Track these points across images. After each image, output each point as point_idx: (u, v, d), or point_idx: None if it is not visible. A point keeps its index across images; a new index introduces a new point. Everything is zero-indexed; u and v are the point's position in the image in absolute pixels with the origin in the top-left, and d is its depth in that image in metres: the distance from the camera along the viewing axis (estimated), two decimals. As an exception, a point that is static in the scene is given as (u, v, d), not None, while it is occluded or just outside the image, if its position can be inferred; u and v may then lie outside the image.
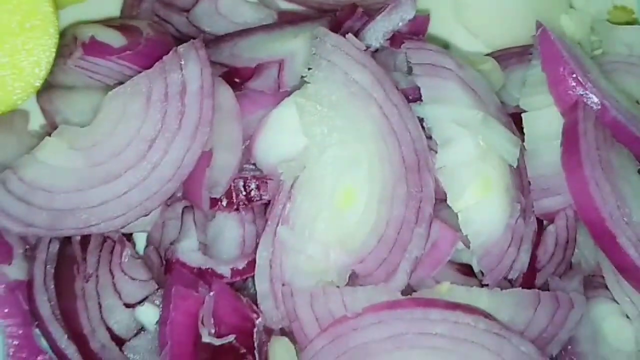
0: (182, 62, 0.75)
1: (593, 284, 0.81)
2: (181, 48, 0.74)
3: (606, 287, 0.82)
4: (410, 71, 0.75)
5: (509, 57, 0.86)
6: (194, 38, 0.78)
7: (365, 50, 0.74)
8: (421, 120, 0.73)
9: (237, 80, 0.80)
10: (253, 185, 0.77)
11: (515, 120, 0.79)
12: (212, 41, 0.82)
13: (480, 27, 0.92)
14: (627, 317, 0.81)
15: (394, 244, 0.70)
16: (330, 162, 0.71)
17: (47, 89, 0.83)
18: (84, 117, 0.80)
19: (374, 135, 0.70)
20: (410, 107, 0.72)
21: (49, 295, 0.78)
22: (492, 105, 0.74)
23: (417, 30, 0.83)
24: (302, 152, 0.73)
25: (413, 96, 0.75)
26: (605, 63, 0.87)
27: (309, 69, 0.74)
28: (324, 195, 0.71)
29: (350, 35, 0.72)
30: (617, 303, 0.82)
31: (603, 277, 0.82)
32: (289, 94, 0.75)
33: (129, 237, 0.82)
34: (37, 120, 0.86)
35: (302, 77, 0.76)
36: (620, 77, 0.87)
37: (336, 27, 0.80)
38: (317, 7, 0.87)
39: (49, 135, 0.78)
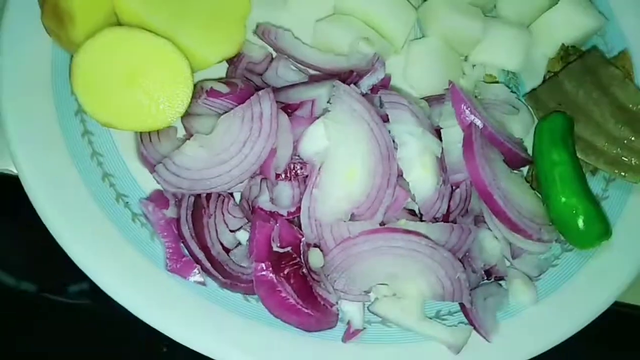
0: (260, 101, 0.76)
1: (479, 220, 0.84)
2: (260, 92, 0.78)
3: (485, 222, 0.81)
4: (382, 105, 0.82)
5: (432, 99, 0.88)
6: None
7: (360, 93, 0.80)
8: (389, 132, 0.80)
9: (289, 110, 0.81)
10: (298, 167, 0.77)
11: (437, 133, 0.84)
12: (276, 90, 0.84)
13: (416, 83, 0.92)
14: (496, 238, 0.81)
15: (375, 199, 0.76)
16: (341, 155, 0.79)
17: (187, 115, 0.81)
18: (207, 131, 0.78)
19: (366, 140, 0.78)
20: (384, 125, 0.79)
21: (189, 225, 0.76)
22: (427, 125, 0.84)
23: (384, 83, 0.91)
24: (325, 149, 0.75)
25: (384, 119, 0.81)
26: (483, 103, 0.91)
27: (330, 103, 0.77)
28: (338, 173, 0.77)
29: (352, 85, 0.80)
30: (491, 230, 0.81)
31: (484, 217, 0.82)
32: (318, 118, 0.78)
33: (231, 194, 0.81)
34: (181, 132, 0.83)
35: (325, 109, 0.78)
36: (489, 110, 0.87)
37: (342, 82, 0.82)
38: (330, 72, 0.88)
39: (189, 139, 0.77)
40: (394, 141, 0.77)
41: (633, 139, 0.86)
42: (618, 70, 0.92)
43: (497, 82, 0.94)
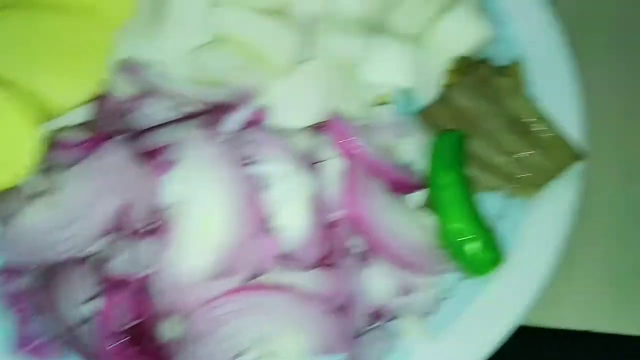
0: (111, 151, 0.69)
1: (365, 257, 0.74)
2: (110, 141, 0.70)
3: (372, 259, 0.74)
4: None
5: (314, 129, 0.79)
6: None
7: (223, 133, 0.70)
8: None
9: (149, 157, 0.71)
10: (158, 221, 0.68)
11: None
12: (138, 134, 0.74)
13: (299, 110, 0.80)
14: (385, 275, 0.73)
15: (240, 252, 0.67)
16: (198, 205, 0.68)
17: (37, 170, 0.71)
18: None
19: (225, 187, 0.68)
20: (248, 167, 0.69)
21: (41, 297, 0.66)
22: (300, 161, 0.74)
23: (259, 118, 0.77)
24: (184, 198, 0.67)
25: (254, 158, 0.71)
26: (370, 126, 0.81)
27: (183, 149, 0.69)
28: (196, 226, 0.68)
29: (203, 130, 0.70)
30: (379, 268, 0.74)
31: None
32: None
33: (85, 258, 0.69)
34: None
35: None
36: (378, 133, 0.80)
37: (211, 119, 0.74)
38: (207, 106, 0.78)
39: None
40: (262, 183, 0.69)
41: (527, 152, 0.79)
42: (510, 81, 0.84)
43: (388, 102, 0.86)
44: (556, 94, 0.87)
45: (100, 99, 0.78)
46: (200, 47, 0.83)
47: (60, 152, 0.71)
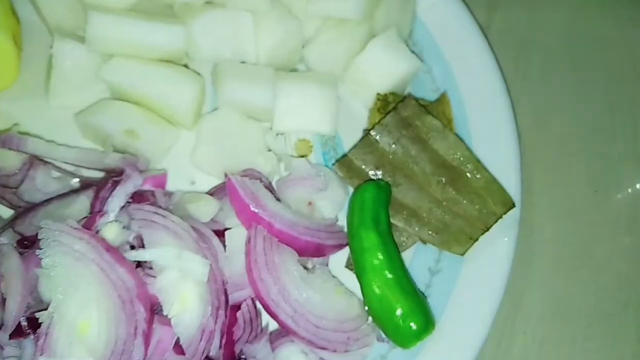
0: None
1: (280, 334, 0.66)
2: None
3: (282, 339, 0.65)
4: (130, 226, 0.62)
5: (219, 191, 0.72)
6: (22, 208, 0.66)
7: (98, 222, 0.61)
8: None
9: (26, 243, 0.63)
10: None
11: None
12: (24, 211, 0.67)
13: (206, 167, 0.75)
14: (305, 352, 0.65)
15: (122, 353, 0.57)
16: (70, 306, 0.58)
17: None
18: None
19: (96, 285, 0.58)
20: (123, 258, 0.59)
21: None
22: (190, 239, 0.63)
23: (158, 184, 0.70)
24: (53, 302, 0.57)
25: (138, 244, 0.62)
26: (287, 181, 0.75)
27: (42, 248, 0.57)
28: (70, 329, 0.58)
29: (70, 221, 0.59)
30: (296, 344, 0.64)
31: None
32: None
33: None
34: None
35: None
36: (293, 189, 0.73)
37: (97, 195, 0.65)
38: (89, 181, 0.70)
39: None
40: (151, 268, 0.60)
41: (457, 200, 0.71)
42: (436, 119, 0.74)
43: (310, 148, 0.78)
44: (489, 131, 0.77)
45: None
46: (89, 108, 0.74)
47: None
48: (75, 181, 0.71)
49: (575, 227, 0.80)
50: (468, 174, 0.73)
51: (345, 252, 0.72)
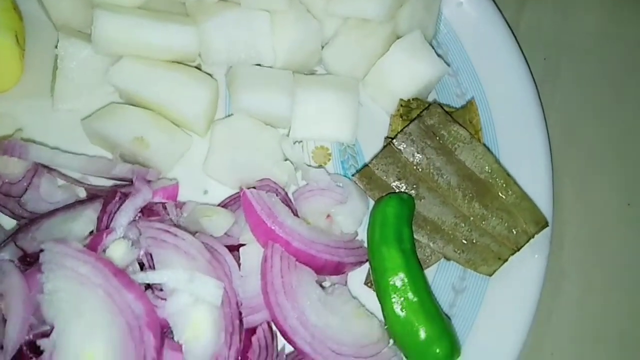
0: None
1: (296, 357, 0.61)
2: None
3: None
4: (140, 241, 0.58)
5: (238, 199, 0.67)
6: (25, 218, 0.62)
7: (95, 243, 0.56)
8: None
9: (28, 260, 0.59)
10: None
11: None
12: (28, 223, 0.62)
13: (220, 176, 0.70)
14: None
15: None
16: (74, 335, 0.53)
17: None
18: None
19: (102, 310, 0.54)
20: (131, 281, 0.55)
21: None
22: (203, 260, 0.59)
23: (170, 196, 0.65)
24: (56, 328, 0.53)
25: (148, 261, 0.58)
26: (304, 192, 0.70)
27: (44, 272, 0.53)
28: (75, 357, 0.53)
29: (74, 242, 0.55)
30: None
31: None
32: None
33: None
34: None
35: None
36: (311, 201, 0.69)
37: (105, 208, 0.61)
38: (96, 191, 0.66)
39: None
40: (161, 290, 0.56)
41: (485, 216, 0.66)
42: (463, 129, 0.70)
43: (328, 156, 0.73)
44: (519, 141, 0.72)
45: None
46: (97, 113, 0.69)
47: None
48: (81, 190, 0.67)
49: (608, 243, 0.75)
50: (497, 189, 0.68)
51: (364, 269, 0.68)
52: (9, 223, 0.66)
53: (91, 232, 0.58)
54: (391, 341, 0.63)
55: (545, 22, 0.88)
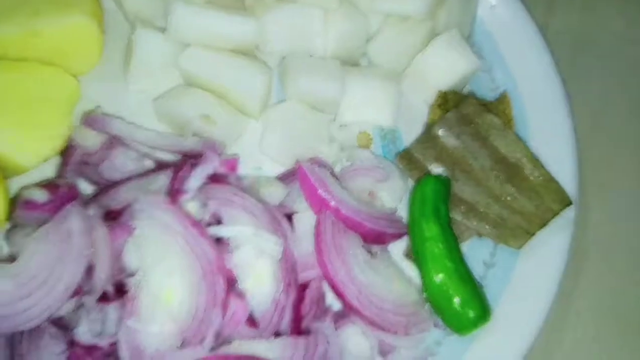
0: (67, 216, 0.64)
1: (342, 315, 0.69)
2: (67, 207, 0.64)
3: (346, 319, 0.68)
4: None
5: (288, 177, 0.75)
6: (101, 185, 0.71)
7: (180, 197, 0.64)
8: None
9: (112, 216, 0.67)
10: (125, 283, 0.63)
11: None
12: (106, 187, 0.71)
13: (274, 155, 0.78)
14: (364, 334, 0.67)
15: (202, 320, 0.61)
16: (157, 274, 0.62)
17: (10, 229, 0.69)
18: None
19: (182, 256, 0.62)
20: (206, 232, 0.63)
21: None
22: (265, 219, 0.67)
23: (231, 167, 0.72)
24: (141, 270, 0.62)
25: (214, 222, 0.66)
26: (349, 171, 0.77)
27: (136, 219, 0.63)
28: (156, 295, 0.61)
29: (162, 196, 0.64)
30: (357, 326, 0.67)
31: (346, 314, 0.68)
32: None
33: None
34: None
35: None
36: (357, 179, 0.76)
37: (178, 172, 0.68)
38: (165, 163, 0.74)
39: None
40: (228, 243, 0.63)
41: (515, 196, 0.73)
42: (496, 118, 0.77)
43: (370, 140, 0.81)
44: (547, 131, 0.80)
45: (66, 151, 0.74)
46: (167, 93, 0.78)
47: (25, 211, 0.67)
48: (149, 162, 0.75)
49: (630, 227, 0.81)
50: (526, 172, 0.75)
51: (402, 242, 0.75)
52: (88, 189, 0.75)
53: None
54: (427, 306, 0.70)
55: (573, 22, 0.95)
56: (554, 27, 0.94)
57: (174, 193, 0.64)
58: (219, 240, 0.63)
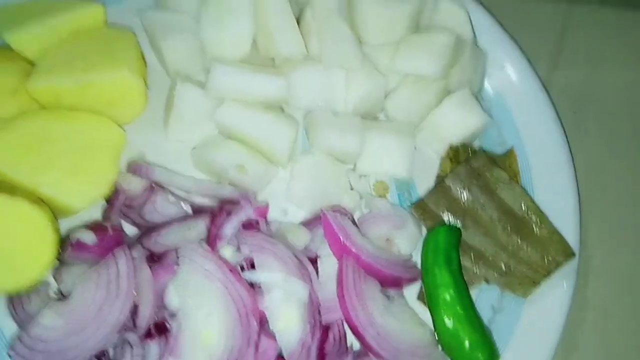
0: (116, 259, 0.71)
1: (362, 354, 0.75)
2: (115, 251, 0.72)
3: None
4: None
5: (313, 223, 0.81)
6: (143, 226, 0.77)
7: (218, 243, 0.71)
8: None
9: (155, 258, 0.74)
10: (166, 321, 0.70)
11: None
12: (148, 230, 0.78)
13: (299, 202, 0.85)
14: None
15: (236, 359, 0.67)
16: (196, 317, 0.69)
17: (57, 268, 0.76)
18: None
19: (220, 300, 0.69)
20: (241, 277, 0.70)
21: None
22: (293, 265, 0.74)
23: (261, 214, 0.80)
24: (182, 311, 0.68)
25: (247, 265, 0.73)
26: (368, 218, 0.84)
27: (178, 265, 0.70)
28: (195, 336, 0.69)
29: (203, 244, 0.71)
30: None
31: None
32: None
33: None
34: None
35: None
36: (375, 226, 0.83)
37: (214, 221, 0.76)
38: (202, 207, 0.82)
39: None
40: (260, 287, 0.70)
41: (521, 247, 0.80)
42: (504, 172, 0.84)
43: (387, 189, 0.87)
44: (551, 185, 0.86)
45: (112, 195, 0.81)
46: (204, 143, 0.85)
47: (75, 252, 0.74)
48: (187, 206, 0.83)
49: (631, 280, 0.86)
50: (532, 224, 0.82)
51: (416, 286, 0.81)
52: (130, 230, 0.82)
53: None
54: (439, 347, 0.76)
55: (576, 79, 1.00)
56: (557, 83, 1.00)
57: (212, 239, 0.71)
58: (251, 284, 0.70)
